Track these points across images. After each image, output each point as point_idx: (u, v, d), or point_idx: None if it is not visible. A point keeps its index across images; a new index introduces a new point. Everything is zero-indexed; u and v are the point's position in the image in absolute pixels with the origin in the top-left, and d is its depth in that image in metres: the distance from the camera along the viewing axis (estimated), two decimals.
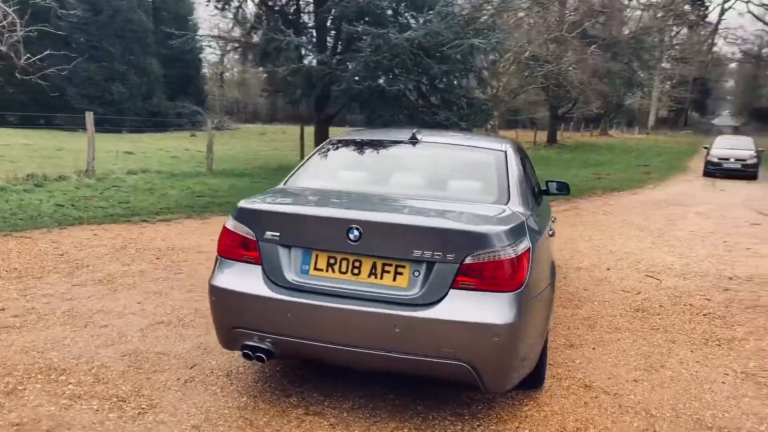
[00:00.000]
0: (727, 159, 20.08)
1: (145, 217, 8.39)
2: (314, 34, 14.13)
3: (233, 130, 40.72)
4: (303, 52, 14.12)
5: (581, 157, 27.24)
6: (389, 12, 12.75)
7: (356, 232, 2.87)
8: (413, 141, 3.90)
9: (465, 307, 2.76)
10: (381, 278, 2.89)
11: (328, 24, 13.94)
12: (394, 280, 2.87)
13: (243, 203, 3.22)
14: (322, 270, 2.97)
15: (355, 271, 2.93)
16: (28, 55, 16.06)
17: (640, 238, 8.89)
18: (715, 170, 20.11)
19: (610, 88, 29.79)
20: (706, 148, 22.02)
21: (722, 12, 69.30)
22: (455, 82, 13.74)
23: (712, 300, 5.70)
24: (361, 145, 4.09)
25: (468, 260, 2.79)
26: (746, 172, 19.78)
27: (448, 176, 3.71)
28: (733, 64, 78.13)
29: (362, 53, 11.61)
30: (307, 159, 3.94)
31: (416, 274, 2.85)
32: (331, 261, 2.96)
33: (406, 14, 13.27)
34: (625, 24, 30.69)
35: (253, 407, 3.19)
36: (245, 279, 3.06)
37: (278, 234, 3.02)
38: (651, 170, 20.95)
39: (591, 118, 43.67)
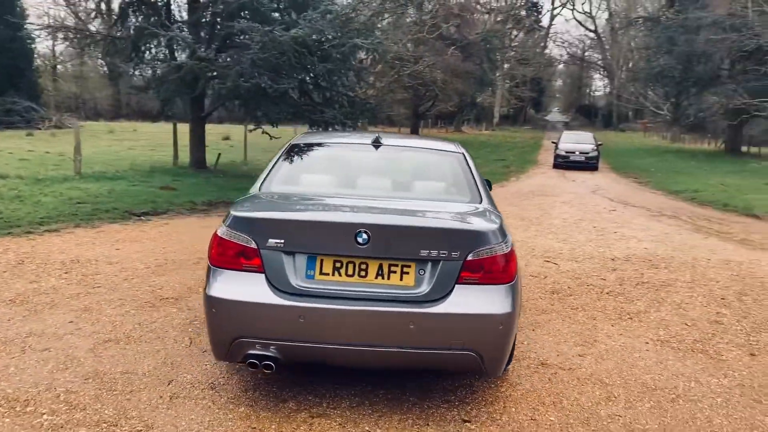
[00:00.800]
0: (573, 152, 22.35)
1: (27, 228, 7.62)
2: (189, 29, 13.51)
3: (75, 128, 37.37)
4: (178, 47, 13.50)
5: None
6: (271, 9, 12.58)
7: (365, 236, 2.98)
8: (376, 144, 4.05)
9: (471, 300, 2.99)
10: (388, 278, 3.02)
11: (207, 19, 13.42)
12: (401, 279, 3.02)
13: (239, 212, 3.18)
14: (328, 274, 3.04)
15: (362, 273, 3.03)
16: None
17: (524, 227, 9.72)
18: (563, 163, 22.29)
19: (465, 87, 31.65)
20: (554, 143, 24.31)
21: (552, 18, 76.22)
22: (337, 80, 13.91)
23: (607, 280, 6.47)
24: (328, 150, 4.16)
25: (470, 257, 3.02)
26: (589, 164, 22.16)
27: (422, 179, 3.91)
28: (561, 65, 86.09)
29: (250, 50, 11.37)
30: (274, 164, 3.92)
31: (421, 272, 3.03)
32: (338, 265, 3.04)
33: (287, 12, 13.18)
34: (476, 27, 32.74)
35: (255, 417, 3.17)
36: (248, 288, 3.03)
37: (282, 241, 3.03)
38: (509, 164, 22.67)
39: (445, 115, 46.04)
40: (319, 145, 4.23)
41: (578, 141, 23.40)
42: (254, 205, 3.34)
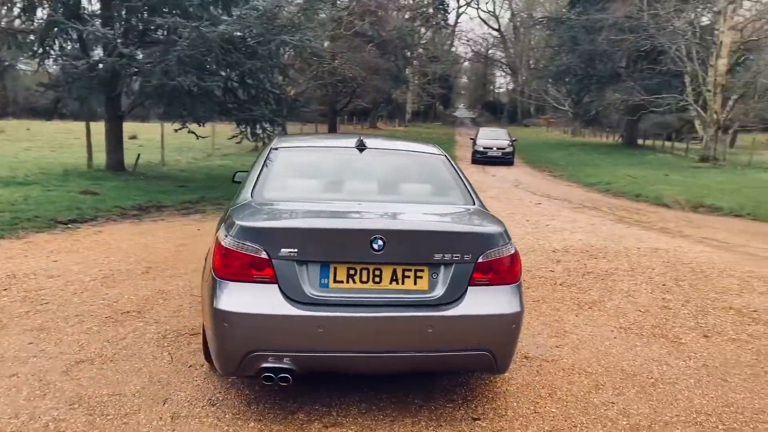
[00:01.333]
0: (491, 148, 23.17)
1: None
2: (102, 23, 12.74)
3: None
4: (90, 42, 12.70)
5: None
6: (194, 5, 12.10)
7: (380, 242, 2.97)
8: (361, 148, 4.03)
9: (484, 301, 3.07)
10: (402, 283, 3.04)
11: (122, 13, 12.71)
12: (415, 284, 3.05)
13: (248, 221, 3.07)
14: (342, 282, 3.01)
15: (377, 279, 3.02)
16: None
17: None
18: (482, 158, 23.06)
19: (382, 84, 31.92)
20: (472, 139, 25.10)
21: (458, 16, 78.10)
22: (264, 78, 13.62)
23: (555, 271, 6.79)
24: (313, 154, 4.10)
25: (481, 259, 3.09)
26: (505, 159, 23.06)
27: (413, 182, 3.94)
28: (466, 63, 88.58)
29: (177, 47, 10.89)
30: (260, 170, 3.80)
31: (435, 276, 3.06)
32: (351, 272, 3.01)
33: (211, 8, 12.72)
34: (390, 24, 33.06)
35: (268, 431, 3.08)
36: (262, 300, 2.94)
37: (296, 250, 2.96)
38: None
39: (360, 111, 46.20)
40: (303, 149, 4.16)
41: (495, 137, 24.26)
42: (262, 214, 3.24)
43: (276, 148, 4.06)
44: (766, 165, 22.78)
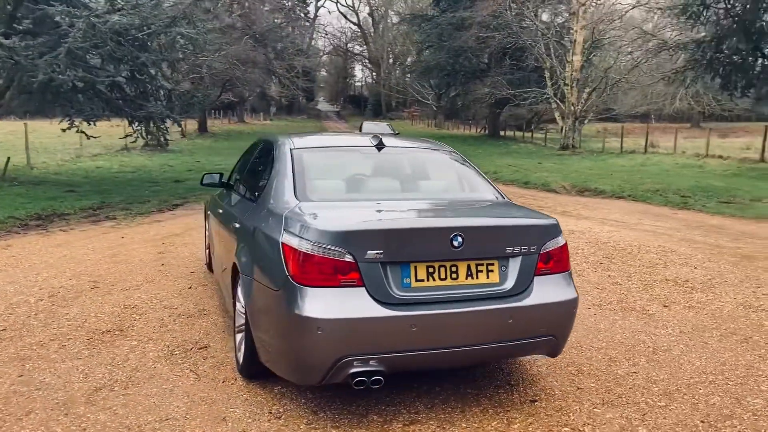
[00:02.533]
0: None
1: None
2: None
3: None
4: None
5: (242, 144, 27.99)
6: None
7: (460, 239, 3.05)
8: (379, 146, 4.05)
9: (549, 289, 3.26)
10: (477, 278, 3.14)
11: None
12: (488, 277, 3.16)
13: (329, 225, 2.98)
14: (423, 280, 3.05)
15: (453, 275, 3.10)
16: None
17: None
18: None
19: (254, 77, 31.16)
20: None
21: (317, 9, 77.91)
22: (156, 72, 12.80)
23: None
24: (338, 154, 4.06)
25: (543, 249, 3.29)
26: None
27: (443, 178, 4.03)
28: (325, 57, 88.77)
29: (67, 39, 9.89)
30: (291, 171, 3.67)
31: (504, 269, 3.21)
32: (430, 270, 3.06)
33: None
34: (260, 18, 32.34)
35: None
36: (352, 303, 2.90)
37: (381, 251, 2.95)
38: None
39: (226, 105, 44.69)
40: (325, 149, 4.10)
41: (380, 131, 24.60)
42: (340, 217, 3.16)
43: (295, 149, 3.94)
44: (614, 151, 25.53)
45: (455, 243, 3.05)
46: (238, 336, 3.90)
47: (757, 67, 16.25)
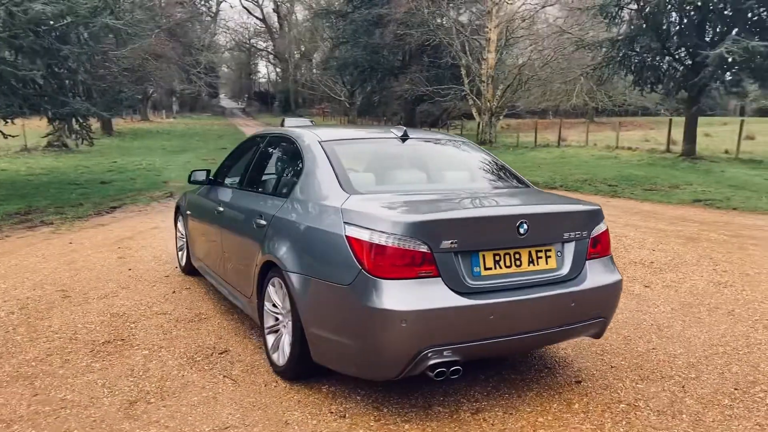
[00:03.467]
0: None
1: None
2: None
3: None
4: None
5: (153, 144, 26.68)
6: None
7: (525, 226, 3.09)
8: (404, 137, 4.03)
9: (599, 273, 3.37)
10: (537, 264, 3.20)
11: None
12: (546, 263, 3.23)
13: (404, 216, 2.92)
14: (491, 268, 3.06)
15: (517, 262, 3.14)
16: None
17: None
18: None
19: (168, 72, 29.79)
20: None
21: (219, 4, 75.49)
22: (78, 66, 11.92)
23: None
24: (370, 146, 3.99)
25: (592, 234, 3.40)
26: None
27: (473, 168, 4.04)
28: (226, 53, 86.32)
29: None
30: (321, 164, 3.56)
31: (560, 254, 3.28)
32: (497, 258, 3.08)
33: None
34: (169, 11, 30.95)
35: (428, 428, 3.01)
36: (431, 294, 2.87)
37: (456, 241, 2.93)
38: None
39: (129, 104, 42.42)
40: (353, 140, 4.00)
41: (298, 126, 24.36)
42: (411, 207, 3.09)
43: (324, 141, 3.82)
44: (528, 145, 26.70)
45: (521, 230, 3.09)
46: (270, 338, 3.75)
47: (664, 65, 17.59)
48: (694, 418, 3.15)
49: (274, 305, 3.70)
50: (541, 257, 3.22)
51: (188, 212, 5.72)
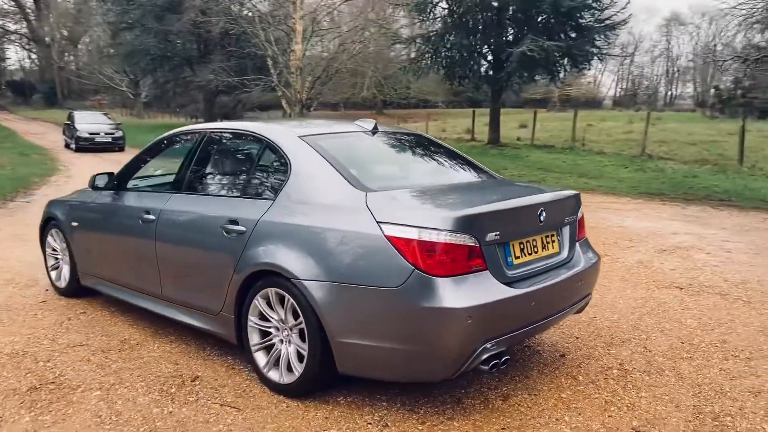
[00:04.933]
0: (98, 133, 20.97)
1: None
2: None
3: None
4: None
5: None
6: None
7: (544, 214, 3.22)
8: (374, 131, 3.92)
9: (585, 253, 3.64)
10: (548, 249, 3.35)
11: None
12: (552, 247, 3.40)
13: (452, 211, 2.83)
14: (520, 257, 3.13)
15: (535, 249, 3.25)
16: None
17: None
18: (88, 145, 20.67)
19: None
20: (68, 124, 22.11)
21: None
22: None
23: None
24: (347, 139, 3.76)
25: (578, 217, 3.65)
26: (117, 144, 21.26)
27: (447, 159, 4.03)
28: None
29: None
30: (315, 161, 3.29)
31: (560, 238, 3.48)
32: (521, 246, 3.16)
33: None
34: None
35: (473, 421, 3.00)
36: (486, 288, 2.85)
37: (498, 233, 2.94)
38: (34, 158, 19.34)
39: None
40: (331, 134, 3.70)
41: (98, 122, 22.03)
42: (459, 203, 3.00)
43: (307, 136, 3.53)
44: None
45: (541, 218, 3.22)
46: (260, 355, 3.42)
47: (471, 61, 19.20)
48: (675, 372, 3.59)
49: (262, 318, 3.36)
50: (548, 242, 3.38)
51: (74, 223, 4.85)
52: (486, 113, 21.65)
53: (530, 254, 3.22)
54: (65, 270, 5.10)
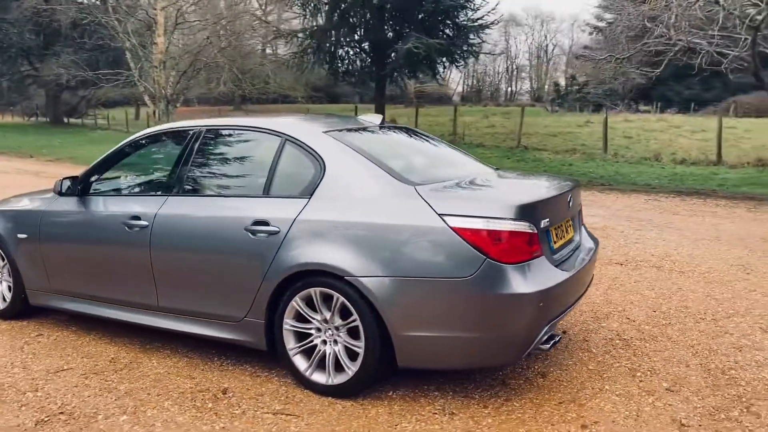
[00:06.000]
0: None
1: None
2: None
3: None
4: None
5: None
6: None
7: (571, 201, 3.45)
8: (382, 125, 3.93)
9: (587, 238, 3.90)
10: (567, 234, 3.58)
11: None
12: (570, 232, 3.63)
13: (514, 201, 2.95)
14: (556, 241, 3.32)
15: (562, 234, 3.46)
16: None
17: None
18: None
19: None
20: None
21: None
22: None
23: None
24: (366, 133, 3.68)
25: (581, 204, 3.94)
26: None
27: (460, 154, 4.13)
28: None
29: None
30: (351, 157, 3.25)
31: (574, 224, 3.73)
32: (556, 231, 3.35)
33: None
34: None
35: (530, 413, 3.15)
36: (546, 272, 3.01)
37: (549, 219, 3.12)
38: None
39: None
40: (353, 130, 3.59)
41: None
42: (518, 191, 3.09)
43: (332, 131, 3.44)
44: None
45: (570, 204, 3.44)
46: (299, 358, 3.29)
47: (354, 57, 19.33)
48: (666, 337, 4.01)
49: (300, 320, 3.25)
50: (568, 227, 3.61)
51: (21, 236, 4.27)
52: (368, 109, 21.96)
53: (560, 239, 3.43)
54: (3, 288, 4.48)
